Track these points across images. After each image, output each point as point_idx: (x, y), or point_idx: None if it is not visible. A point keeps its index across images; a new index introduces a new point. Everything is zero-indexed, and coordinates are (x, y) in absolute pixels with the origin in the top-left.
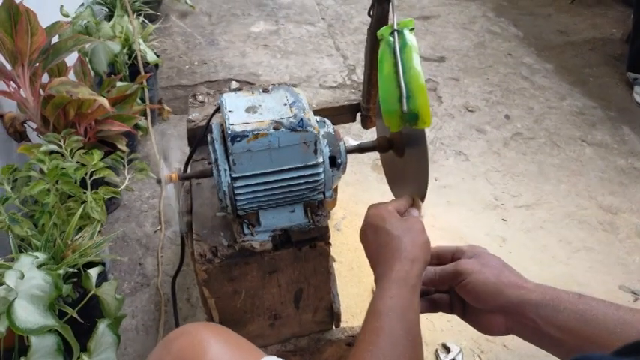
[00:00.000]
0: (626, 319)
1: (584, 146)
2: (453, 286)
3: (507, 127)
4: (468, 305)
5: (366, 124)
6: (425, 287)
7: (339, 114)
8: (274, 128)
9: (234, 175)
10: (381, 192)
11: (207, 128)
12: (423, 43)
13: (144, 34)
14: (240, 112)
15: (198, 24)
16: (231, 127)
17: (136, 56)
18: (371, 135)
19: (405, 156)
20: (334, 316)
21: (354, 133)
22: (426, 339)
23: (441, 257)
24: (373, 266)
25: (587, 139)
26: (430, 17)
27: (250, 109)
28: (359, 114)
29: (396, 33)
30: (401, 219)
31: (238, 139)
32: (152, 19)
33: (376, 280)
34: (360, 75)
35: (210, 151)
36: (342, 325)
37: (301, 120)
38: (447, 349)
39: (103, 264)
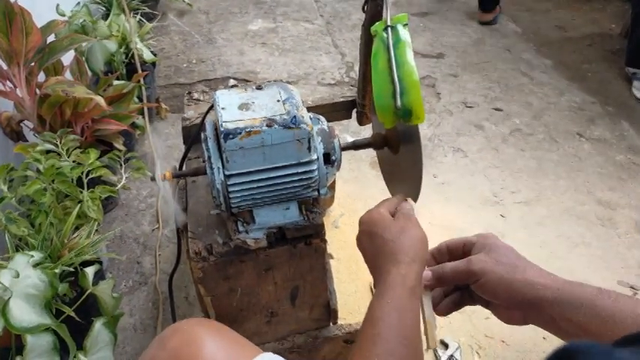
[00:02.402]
0: None
1: (582, 141)
2: (468, 284)
3: (506, 123)
4: None
5: (361, 121)
6: (445, 286)
7: (334, 111)
8: (267, 125)
9: (227, 173)
10: (379, 189)
11: (202, 126)
12: (421, 39)
13: (141, 32)
14: (233, 109)
15: (195, 22)
16: (223, 124)
17: (132, 55)
18: (369, 132)
19: (400, 152)
20: (331, 314)
21: (352, 130)
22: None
23: (452, 251)
24: (372, 272)
25: (585, 135)
26: (428, 14)
27: (243, 107)
28: (355, 110)
29: (389, 28)
30: (393, 220)
31: (231, 136)
32: (149, 17)
33: (375, 286)
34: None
35: (204, 148)
36: (340, 322)
37: (294, 117)
38: (446, 346)
39: (100, 263)
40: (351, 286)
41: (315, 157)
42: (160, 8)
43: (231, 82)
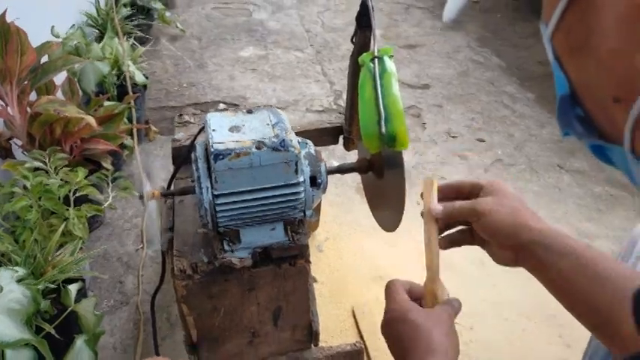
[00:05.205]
0: (622, 273)
1: (562, 173)
2: (471, 224)
3: (488, 153)
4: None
5: (348, 146)
6: (451, 221)
7: (322, 136)
8: (257, 147)
9: (216, 193)
10: (363, 214)
11: (192, 147)
12: (408, 70)
13: (133, 55)
14: (223, 131)
15: (188, 47)
16: (214, 145)
17: (124, 77)
18: (355, 158)
19: (384, 177)
20: (313, 335)
21: (338, 156)
22: None
23: (460, 191)
24: None
25: (565, 166)
26: (416, 46)
27: (234, 129)
28: (341, 136)
29: (376, 59)
30: (424, 310)
31: (221, 156)
32: (142, 41)
33: None
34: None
35: (194, 168)
36: (321, 344)
37: (283, 140)
38: None
39: (83, 280)
40: (333, 310)
41: (302, 179)
42: (154, 33)
43: (221, 106)
